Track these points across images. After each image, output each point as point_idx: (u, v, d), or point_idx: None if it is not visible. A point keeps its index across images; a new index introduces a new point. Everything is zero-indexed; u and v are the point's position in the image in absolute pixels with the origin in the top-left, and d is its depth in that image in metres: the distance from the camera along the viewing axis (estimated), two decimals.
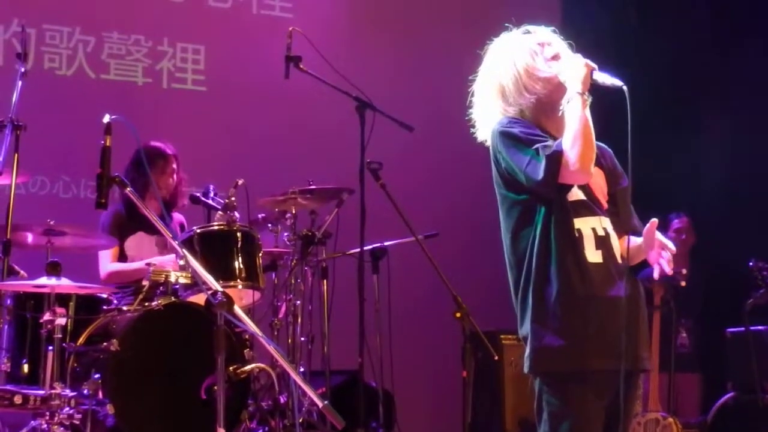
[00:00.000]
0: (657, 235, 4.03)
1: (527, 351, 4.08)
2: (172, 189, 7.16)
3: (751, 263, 7.14)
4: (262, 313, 7.10)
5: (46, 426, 4.56)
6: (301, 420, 6.39)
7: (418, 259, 6.73)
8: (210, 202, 7.10)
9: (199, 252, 6.32)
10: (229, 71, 8.95)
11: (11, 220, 6.59)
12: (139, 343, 6.16)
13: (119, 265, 6.98)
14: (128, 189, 4.51)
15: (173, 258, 6.63)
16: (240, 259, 6.58)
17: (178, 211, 7.31)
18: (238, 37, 9.02)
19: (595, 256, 4.03)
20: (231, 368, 5.25)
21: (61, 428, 4.57)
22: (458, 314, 6.29)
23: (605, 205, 4.15)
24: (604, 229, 4.09)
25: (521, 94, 4.15)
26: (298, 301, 7.30)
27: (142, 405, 6.11)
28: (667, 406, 6.78)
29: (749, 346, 7.53)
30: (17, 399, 4.64)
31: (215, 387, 4.38)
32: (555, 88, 4.08)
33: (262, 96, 8.55)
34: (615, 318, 3.97)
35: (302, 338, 7.31)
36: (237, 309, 4.38)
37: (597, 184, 4.15)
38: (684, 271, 7.87)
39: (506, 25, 4.27)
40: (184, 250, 4.67)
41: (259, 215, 7.32)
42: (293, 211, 7.31)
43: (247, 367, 6.18)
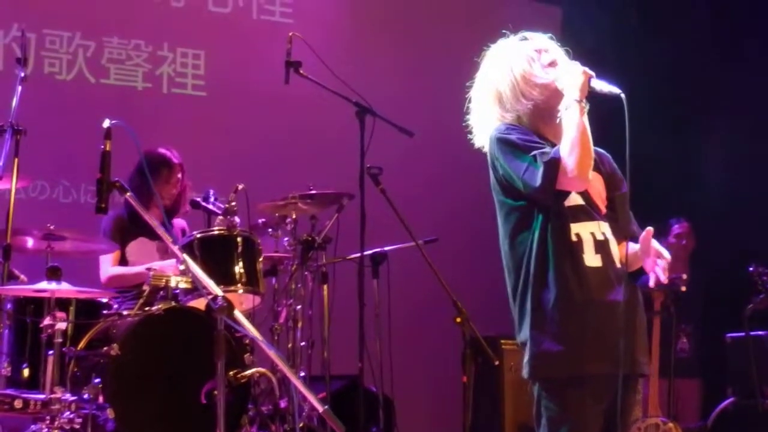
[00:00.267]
0: (653, 243, 4.05)
1: (526, 357, 4.09)
2: (174, 197, 7.18)
3: (751, 268, 7.15)
4: (263, 317, 7.10)
5: (46, 430, 4.58)
6: (302, 425, 6.40)
7: (418, 264, 6.74)
8: (210, 206, 7.08)
9: (199, 257, 6.32)
10: (229, 76, 8.96)
11: (11, 225, 6.62)
12: (139, 347, 6.16)
13: (120, 270, 6.99)
14: (128, 194, 4.54)
15: (174, 263, 6.65)
16: (240, 263, 6.58)
17: (179, 217, 7.32)
18: (238, 43, 9.04)
19: (594, 260, 4.05)
20: (231, 373, 5.27)
21: None
22: (458, 319, 6.31)
23: (604, 210, 4.15)
24: (603, 234, 4.10)
25: (518, 100, 4.17)
26: (299, 306, 7.30)
27: (143, 409, 6.11)
28: (667, 412, 6.79)
29: (749, 352, 7.54)
30: (17, 403, 4.66)
31: (215, 391, 4.40)
32: (552, 95, 4.10)
33: (262, 101, 8.57)
34: (613, 322, 3.97)
35: (302, 343, 7.31)
36: (237, 314, 4.40)
37: (596, 189, 4.16)
38: (684, 276, 7.95)
39: (504, 31, 4.30)
40: (185, 255, 4.69)
41: (260, 220, 7.33)
42: (293, 216, 7.32)
43: (248, 372, 6.21)
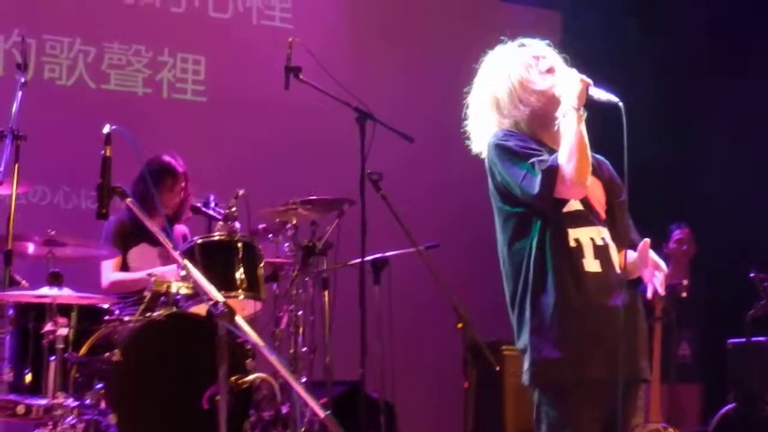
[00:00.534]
0: (650, 254, 4.08)
1: (526, 363, 4.10)
2: (177, 206, 7.20)
3: (752, 274, 7.18)
4: (264, 323, 7.10)
5: None
6: (303, 430, 6.43)
7: (420, 269, 6.79)
8: (211, 212, 7.09)
9: (200, 262, 6.30)
10: (229, 82, 8.98)
11: (12, 230, 6.65)
12: (141, 353, 6.18)
13: (121, 275, 7.00)
14: (129, 200, 4.57)
15: (175, 268, 6.66)
16: (241, 269, 6.58)
17: (180, 223, 7.34)
18: (239, 48, 9.06)
19: (594, 265, 4.07)
20: (233, 378, 5.31)
21: None
22: (460, 325, 6.34)
23: (603, 216, 4.18)
24: (603, 239, 4.12)
25: (516, 106, 4.19)
26: (300, 312, 7.31)
27: (145, 415, 6.13)
28: (668, 417, 6.82)
29: (750, 357, 7.58)
30: (20, 409, 4.69)
31: (217, 397, 4.40)
32: (549, 101, 4.12)
33: (262, 106, 8.58)
34: (613, 328, 3.99)
35: (304, 349, 7.31)
36: (239, 319, 4.43)
37: (594, 195, 4.18)
38: (685, 282, 7.97)
39: (502, 37, 4.33)
40: (186, 261, 4.72)
41: (260, 225, 7.32)
42: (294, 222, 7.33)
43: (249, 378, 6.26)
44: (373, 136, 7.00)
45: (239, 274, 6.58)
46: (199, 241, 6.65)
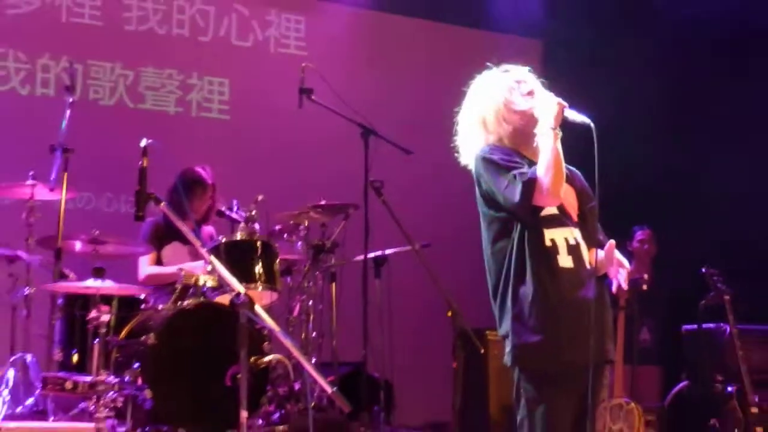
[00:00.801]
0: (615, 254, 4.08)
1: (507, 347, 4.08)
2: (205, 211, 7.17)
3: (704, 270, 7.16)
4: (279, 311, 7.08)
5: (93, 408, 4.61)
6: (313, 404, 6.41)
7: (415, 265, 6.77)
8: (234, 215, 7.09)
9: (224, 259, 6.30)
10: (250, 102, 8.99)
11: (62, 231, 6.67)
12: (173, 337, 6.17)
13: (155, 269, 6.98)
14: (162, 204, 4.56)
15: (202, 264, 6.65)
16: (260, 264, 6.57)
17: (208, 224, 7.32)
18: (258, 72, 9.05)
19: (567, 261, 4.05)
20: (252, 359, 5.28)
21: (106, 410, 4.61)
22: (450, 313, 6.33)
23: (575, 219, 4.16)
24: (575, 239, 4.10)
25: (500, 124, 4.17)
26: (310, 302, 7.32)
27: (176, 391, 6.12)
28: (630, 394, 6.80)
29: (702, 342, 7.56)
30: (68, 384, 4.69)
31: (239, 375, 4.40)
32: (529, 120, 4.10)
33: (278, 122, 8.57)
34: (584, 317, 3.97)
35: (314, 333, 7.32)
36: (257, 308, 4.42)
37: (568, 201, 4.16)
38: (645, 276, 7.97)
39: (488, 63, 4.32)
40: (212, 257, 4.72)
41: (276, 227, 7.31)
42: (306, 224, 7.33)
43: (266, 359, 6.21)
44: (376, 149, 7.02)
45: (258, 269, 6.57)
46: (224, 241, 6.65)
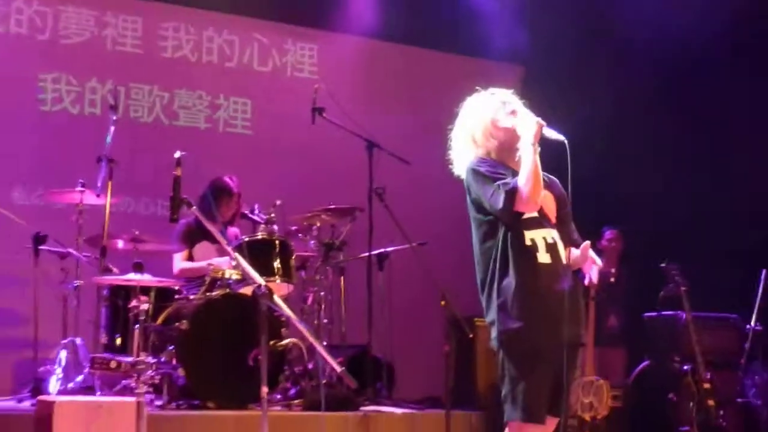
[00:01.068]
0: (590, 252, 4.08)
1: (494, 332, 4.06)
2: (231, 215, 7.16)
3: (663, 265, 7.16)
4: (295, 301, 7.08)
5: (134, 385, 4.59)
6: (324, 381, 6.42)
7: (413, 261, 6.78)
8: (255, 218, 7.07)
9: (247, 255, 6.31)
10: (270, 119, 8.97)
11: (107, 231, 6.68)
12: (202, 323, 6.20)
13: (188, 264, 6.97)
14: (194, 208, 4.56)
15: (228, 260, 6.66)
16: (278, 260, 6.58)
17: (233, 226, 7.31)
18: (277, 93, 9.03)
19: (546, 258, 4.03)
20: (271, 342, 5.28)
21: (145, 387, 4.59)
22: (443, 303, 6.33)
23: (553, 221, 4.15)
24: (553, 239, 4.08)
25: (488, 139, 4.17)
26: (322, 293, 7.30)
27: (205, 369, 6.15)
28: (599, 372, 6.79)
29: (661, 327, 7.57)
30: (113, 364, 4.66)
31: (260, 357, 4.39)
32: (513, 136, 4.09)
33: (294, 137, 8.52)
34: (560, 306, 3.96)
35: (325, 320, 7.30)
36: (276, 298, 4.41)
37: (547, 205, 4.14)
38: (613, 270, 7.97)
39: (477, 87, 4.32)
40: (236, 254, 4.72)
41: (292, 227, 7.30)
42: (318, 225, 7.32)
43: (283, 342, 6.23)
44: (378, 160, 7.02)
45: (276, 264, 6.58)
46: (247, 239, 6.66)
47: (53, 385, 6.38)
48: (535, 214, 4.07)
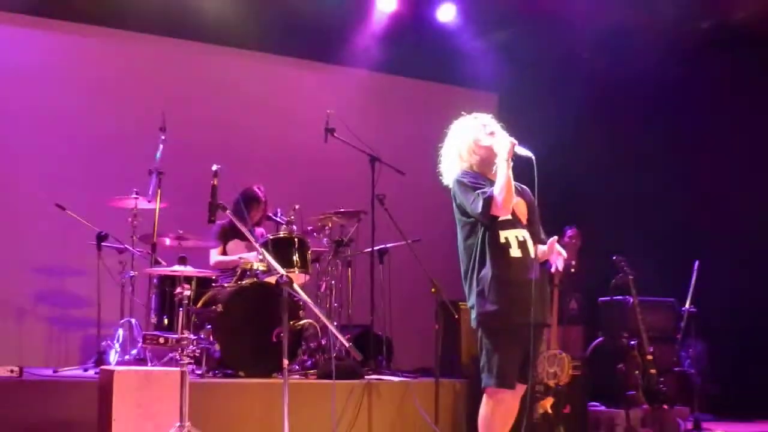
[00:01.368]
0: (556, 246, 4.11)
1: (473, 314, 4.11)
2: (259, 218, 7.15)
3: (615, 257, 7.15)
4: (310, 288, 7.07)
5: (178, 357, 4.61)
6: (335, 355, 6.43)
7: (408, 255, 6.78)
8: (278, 219, 7.08)
9: (271, 250, 6.33)
10: (290, 138, 8.95)
11: (156, 230, 6.70)
12: (235, 306, 6.20)
13: (222, 258, 6.99)
14: (228, 211, 4.58)
15: (256, 254, 6.67)
16: (296, 254, 6.59)
17: (260, 226, 7.30)
18: (296, 117, 8.94)
19: (517, 253, 4.07)
20: (291, 322, 5.31)
21: (188, 359, 4.61)
22: (433, 290, 6.35)
23: (524, 222, 4.19)
24: (523, 237, 4.13)
25: (471, 155, 4.21)
26: (333, 281, 7.28)
27: (237, 345, 6.15)
28: (562, 347, 6.79)
29: (612, 309, 7.57)
30: (161, 340, 4.68)
31: (282, 334, 4.41)
32: (491, 153, 4.14)
33: (310, 153, 8.46)
34: (528, 292, 4.00)
35: (335, 304, 7.30)
36: (295, 285, 4.44)
37: (520, 210, 4.19)
38: (573, 262, 7.92)
39: (462, 112, 4.34)
40: (262, 249, 4.75)
41: (309, 227, 7.30)
42: (329, 225, 7.31)
43: (301, 322, 6.28)
44: (380, 172, 7.03)
45: (295, 258, 6.59)
46: (271, 237, 6.67)
47: (113, 357, 6.41)
48: (509, 217, 4.11)
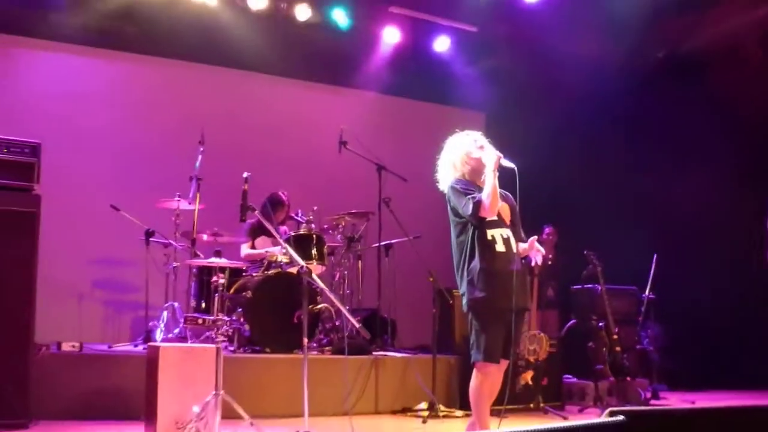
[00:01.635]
0: (535, 245, 4.11)
1: (464, 300, 4.10)
2: (283, 219, 7.14)
3: (586, 252, 7.14)
4: (326, 277, 7.08)
5: (214, 336, 4.62)
6: (347, 334, 6.44)
7: (410, 249, 6.79)
8: (299, 219, 7.10)
9: (293, 245, 6.37)
10: (308, 150, 8.92)
11: (195, 228, 6.71)
12: (262, 293, 6.23)
13: (251, 251, 6.97)
14: (256, 212, 4.59)
15: (280, 248, 6.68)
16: (315, 249, 6.60)
17: (283, 225, 7.32)
18: (311, 133, 8.92)
19: (502, 248, 4.06)
20: (309, 306, 5.31)
21: (222, 337, 4.62)
22: (431, 279, 6.36)
23: (508, 223, 4.18)
24: (507, 235, 4.11)
25: (463, 165, 4.20)
26: (345, 272, 7.31)
27: (264, 326, 6.18)
28: (540, 328, 6.79)
29: (583, 296, 7.56)
30: (200, 321, 4.70)
31: (302, 316, 4.43)
32: (480, 164, 4.12)
33: (326, 163, 8.48)
34: (511, 281, 3.99)
35: (347, 291, 7.32)
36: (313, 275, 4.45)
37: (504, 212, 4.17)
38: (550, 256, 7.90)
39: (456, 129, 4.34)
40: (286, 245, 4.76)
41: (325, 226, 7.32)
42: (343, 224, 7.34)
43: (318, 306, 6.27)
44: (386, 178, 7.03)
45: (313, 251, 6.59)
46: (293, 234, 6.68)
47: (158, 335, 6.43)
48: (495, 218, 4.11)
